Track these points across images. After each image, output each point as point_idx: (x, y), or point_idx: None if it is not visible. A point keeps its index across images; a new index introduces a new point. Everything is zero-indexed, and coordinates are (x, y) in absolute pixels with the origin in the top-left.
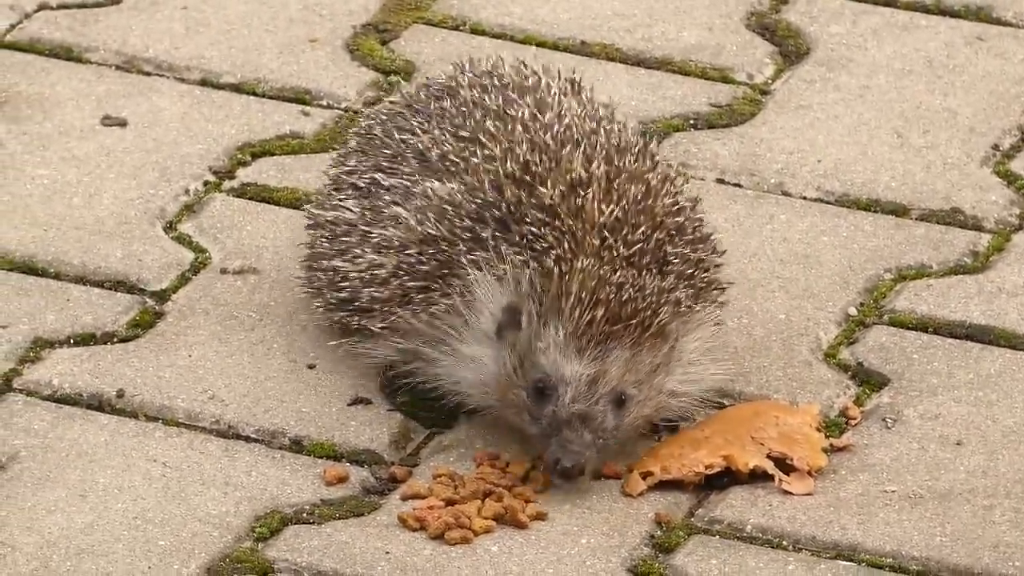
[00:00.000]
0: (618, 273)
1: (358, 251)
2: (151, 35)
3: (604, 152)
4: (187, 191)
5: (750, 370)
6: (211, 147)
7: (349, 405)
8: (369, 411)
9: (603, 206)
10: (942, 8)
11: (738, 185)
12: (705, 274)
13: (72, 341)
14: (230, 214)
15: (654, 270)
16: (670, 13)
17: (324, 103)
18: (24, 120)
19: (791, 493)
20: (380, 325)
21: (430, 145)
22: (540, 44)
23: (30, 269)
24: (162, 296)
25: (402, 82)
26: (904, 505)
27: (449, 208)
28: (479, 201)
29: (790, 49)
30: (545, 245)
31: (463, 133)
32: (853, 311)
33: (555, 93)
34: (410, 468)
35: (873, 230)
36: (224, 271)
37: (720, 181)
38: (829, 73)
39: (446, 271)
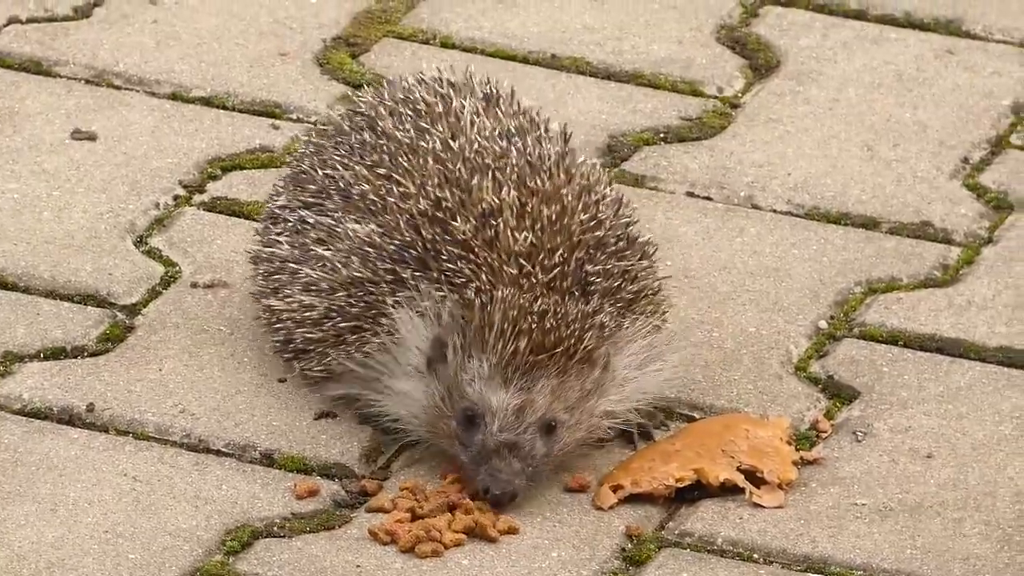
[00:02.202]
0: (539, 301)
1: (289, 291)
2: (121, 49)
3: (515, 174)
4: (157, 205)
5: (720, 383)
6: (181, 161)
7: (316, 419)
8: (339, 425)
9: (516, 233)
10: (912, 21)
11: (708, 198)
12: (632, 284)
13: (42, 355)
14: (200, 228)
15: (576, 293)
16: (640, 27)
17: (294, 117)
18: None
19: (762, 506)
20: (317, 369)
21: (352, 182)
22: (510, 58)
23: None
24: (132, 310)
25: (329, 113)
26: (874, 518)
27: (371, 250)
28: (397, 242)
29: (760, 62)
30: (463, 280)
31: (380, 170)
32: (823, 324)
33: (468, 114)
34: (381, 481)
35: (843, 243)
36: (194, 285)
37: (690, 194)
38: (799, 86)
39: (374, 312)
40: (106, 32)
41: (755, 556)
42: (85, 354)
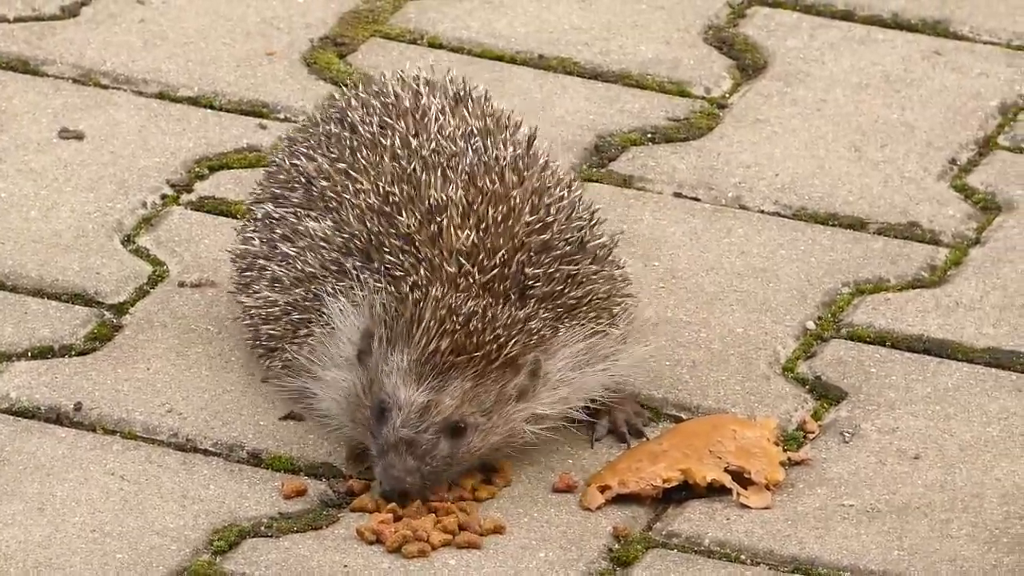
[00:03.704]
0: (469, 303)
1: (257, 287)
2: (108, 48)
3: (466, 174)
4: (145, 204)
5: (708, 384)
6: (169, 160)
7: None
8: (327, 425)
9: (459, 231)
10: (899, 22)
11: (696, 199)
12: (576, 289)
13: (30, 354)
14: (188, 227)
15: (513, 296)
16: (628, 27)
17: (281, 116)
18: None
19: (749, 507)
20: (279, 365)
21: (315, 175)
22: (497, 58)
23: None
24: (120, 309)
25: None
26: (862, 519)
27: (323, 244)
28: (346, 235)
29: (747, 63)
30: (401, 272)
31: (340, 165)
32: (811, 325)
33: (434, 112)
34: (368, 481)
35: (831, 244)
36: (182, 284)
37: (678, 195)
38: (786, 87)
39: (319, 303)
40: (93, 31)
41: (742, 557)
42: (72, 353)
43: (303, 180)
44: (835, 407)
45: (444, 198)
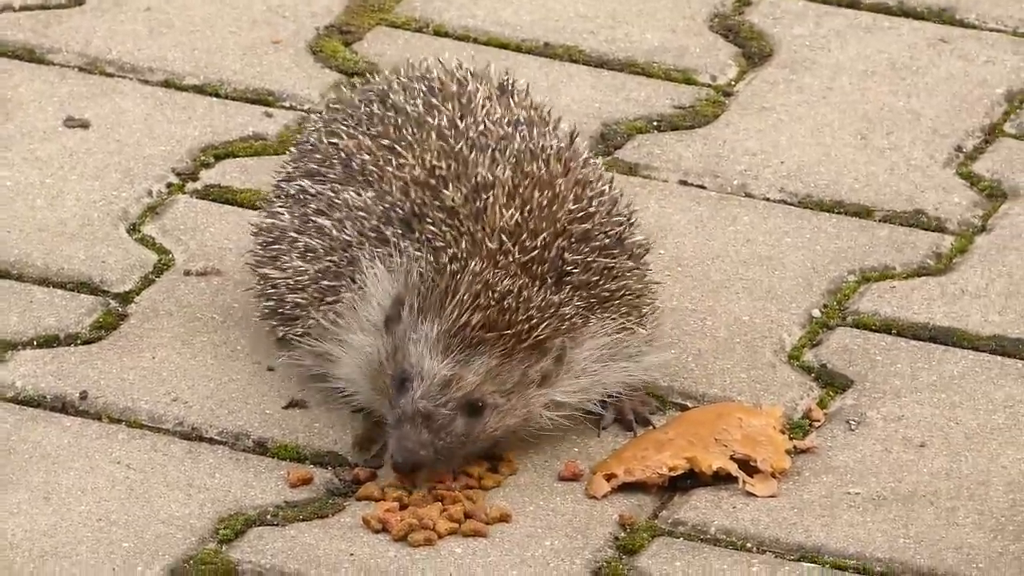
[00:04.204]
0: (506, 281)
1: (287, 258)
2: (114, 36)
3: (514, 158)
4: (150, 193)
5: (713, 372)
6: (174, 149)
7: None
8: (332, 413)
9: (504, 210)
10: (905, 10)
11: (701, 187)
12: (611, 283)
13: (35, 343)
14: (193, 216)
15: (550, 280)
16: (633, 15)
17: (287, 104)
18: None
19: (755, 495)
20: (300, 331)
21: (354, 151)
22: (503, 46)
23: None
24: (125, 298)
25: (343, 87)
26: (868, 507)
27: (363, 214)
28: (386, 204)
29: (753, 51)
30: (442, 243)
31: (383, 141)
32: (816, 313)
33: (480, 98)
34: (373, 470)
35: (836, 232)
36: (187, 273)
37: (683, 183)
38: (792, 75)
39: (353, 269)
40: (99, 20)
41: (748, 545)
42: (78, 342)
43: (342, 156)
44: (841, 395)
45: (491, 177)
